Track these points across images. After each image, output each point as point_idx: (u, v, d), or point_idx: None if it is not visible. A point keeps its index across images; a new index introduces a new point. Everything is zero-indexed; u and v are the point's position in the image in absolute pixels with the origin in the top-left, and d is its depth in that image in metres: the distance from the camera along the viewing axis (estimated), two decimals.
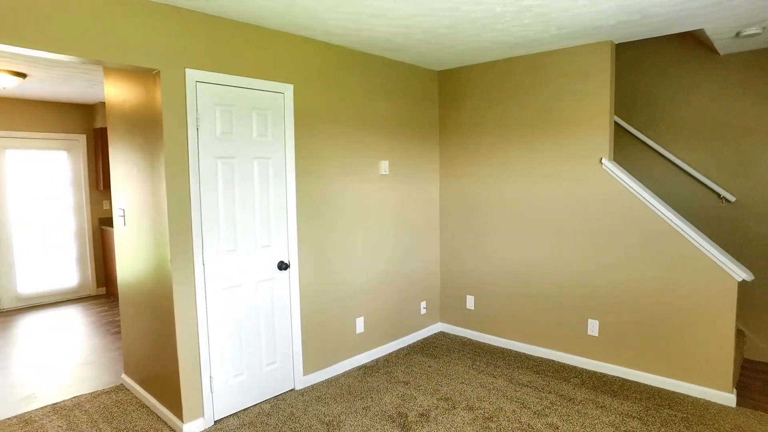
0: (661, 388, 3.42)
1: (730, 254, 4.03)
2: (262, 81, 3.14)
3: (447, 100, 4.53)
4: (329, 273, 3.67)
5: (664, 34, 3.40)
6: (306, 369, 3.55)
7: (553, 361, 3.93)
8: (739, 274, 3.09)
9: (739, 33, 3.33)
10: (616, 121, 4.41)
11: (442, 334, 4.67)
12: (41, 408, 3.28)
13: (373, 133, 3.95)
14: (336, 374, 3.75)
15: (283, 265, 3.32)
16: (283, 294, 3.37)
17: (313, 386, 3.54)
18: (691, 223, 4.17)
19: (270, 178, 3.25)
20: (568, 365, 3.85)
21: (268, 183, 3.24)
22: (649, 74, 4.33)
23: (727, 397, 3.19)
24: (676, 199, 4.28)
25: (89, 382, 3.67)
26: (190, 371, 2.90)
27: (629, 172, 4.49)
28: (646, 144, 4.36)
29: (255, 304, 3.21)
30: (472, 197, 4.41)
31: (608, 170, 3.57)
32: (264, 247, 3.24)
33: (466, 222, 4.48)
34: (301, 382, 3.51)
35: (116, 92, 3.25)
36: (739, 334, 3.76)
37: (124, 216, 3.31)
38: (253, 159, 3.14)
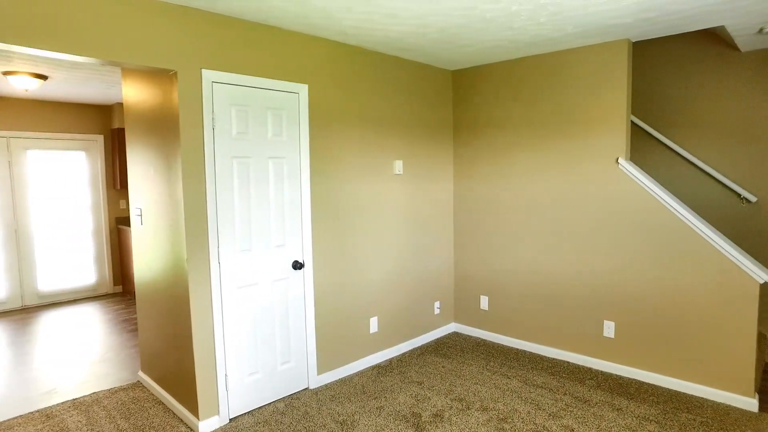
0: (679, 392, 3.37)
1: (752, 255, 3.95)
2: (277, 81, 3.16)
3: (461, 100, 4.51)
4: (343, 272, 3.68)
5: (682, 32, 3.34)
6: (320, 368, 3.56)
7: (568, 363, 3.89)
8: (762, 276, 3.03)
9: (762, 29, 3.26)
10: (632, 121, 4.35)
11: (456, 334, 4.65)
12: (62, 403, 3.35)
13: (387, 132, 3.95)
14: (350, 374, 3.76)
15: (297, 265, 3.34)
16: (298, 293, 3.39)
17: (327, 385, 3.56)
18: (711, 223, 4.10)
19: (285, 178, 3.26)
20: (583, 367, 3.81)
21: (283, 183, 3.26)
22: (666, 72, 4.26)
23: (749, 402, 3.12)
24: (694, 199, 4.21)
25: (107, 379, 3.73)
26: (206, 369, 2.93)
27: (646, 172, 4.42)
28: (664, 143, 4.29)
29: (270, 303, 3.23)
30: (486, 197, 4.38)
31: (625, 170, 3.52)
32: (279, 246, 3.25)
33: (480, 222, 4.45)
34: (315, 381, 3.52)
35: (134, 93, 3.30)
36: (761, 338, 3.68)
37: (141, 215, 3.36)
38: (268, 159, 3.16)
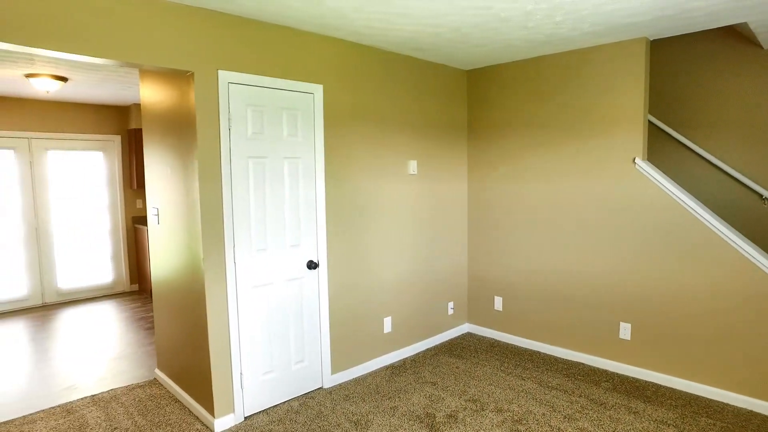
0: (698, 396, 3.32)
1: None
2: (293, 82, 3.17)
3: (475, 100, 4.49)
4: (358, 272, 3.69)
5: (702, 30, 3.29)
6: (334, 368, 3.58)
7: (583, 365, 3.86)
8: None
9: None
10: (650, 121, 4.29)
11: (470, 334, 4.64)
12: (81, 399, 3.41)
13: (402, 132, 3.95)
14: (363, 373, 3.77)
15: (312, 265, 3.35)
16: (312, 293, 3.40)
17: (340, 385, 3.57)
18: (731, 224, 4.02)
19: (300, 178, 3.28)
20: (598, 369, 3.77)
21: (298, 183, 3.27)
22: (685, 71, 4.20)
23: None
24: (714, 200, 4.14)
25: (124, 376, 3.78)
26: (222, 368, 2.96)
27: (664, 172, 4.36)
28: (682, 143, 4.23)
29: (284, 302, 3.25)
30: (501, 197, 4.36)
31: (642, 170, 3.48)
32: (293, 246, 3.27)
33: (495, 222, 4.43)
34: (329, 380, 3.54)
35: (151, 94, 3.34)
36: None
37: (158, 215, 3.40)
38: (284, 159, 3.18)
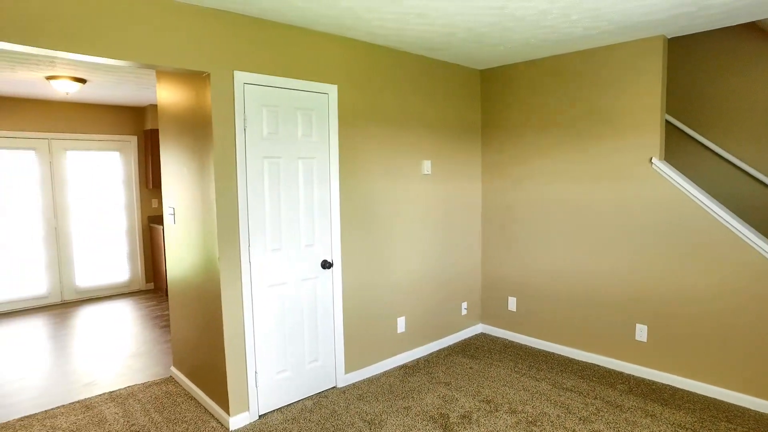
0: (718, 400, 3.26)
1: None
2: (307, 82, 3.19)
3: (489, 100, 4.47)
4: (371, 272, 3.70)
5: (723, 27, 3.23)
6: (347, 367, 3.59)
7: (598, 366, 3.82)
8: None
9: None
10: (668, 120, 4.24)
11: (483, 335, 4.62)
12: (99, 395, 3.46)
13: (416, 132, 3.95)
14: (377, 373, 3.77)
15: (326, 264, 3.37)
16: (326, 293, 3.42)
17: (354, 384, 3.58)
18: (752, 226, 3.95)
19: (314, 178, 3.30)
20: (614, 371, 3.73)
21: (312, 183, 3.29)
22: (704, 69, 4.13)
23: None
24: (733, 199, 4.07)
25: (141, 373, 3.83)
26: (237, 366, 2.99)
27: (683, 172, 4.30)
28: (700, 143, 4.17)
29: (298, 302, 3.27)
30: (515, 197, 4.33)
31: (659, 170, 3.43)
32: (308, 246, 3.29)
33: (509, 222, 4.40)
34: (343, 380, 3.55)
35: (168, 95, 3.38)
36: None
37: (174, 214, 3.44)
38: (298, 159, 3.20)
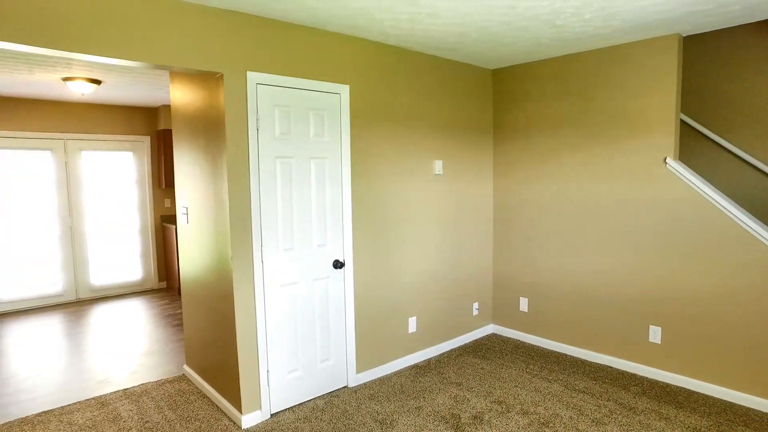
0: (734, 403, 3.22)
1: None
2: (319, 82, 3.20)
3: (501, 99, 4.45)
4: (383, 272, 3.70)
5: (742, 24, 3.18)
6: (359, 367, 3.59)
7: (611, 368, 3.78)
8: None
9: None
10: (683, 120, 4.18)
11: (494, 335, 4.60)
12: (114, 392, 3.50)
13: (427, 132, 3.94)
14: (388, 373, 3.77)
15: (338, 264, 3.37)
16: (338, 292, 3.43)
17: (365, 384, 3.58)
18: None
19: (326, 178, 3.30)
20: (627, 372, 3.70)
21: (324, 182, 3.30)
22: (721, 67, 4.07)
23: None
24: (750, 200, 4.00)
25: (154, 371, 3.87)
26: (249, 365, 3.01)
27: (699, 173, 4.24)
28: (716, 142, 4.11)
29: (310, 301, 3.28)
30: (527, 197, 4.31)
31: (673, 170, 3.39)
32: (320, 246, 3.30)
33: (520, 223, 4.38)
34: (354, 379, 3.55)
35: (181, 95, 3.41)
36: None
37: (187, 214, 3.47)
38: (310, 159, 3.21)
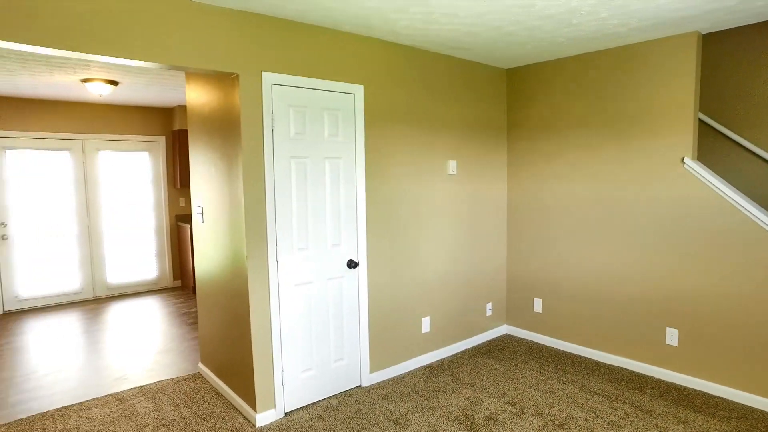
0: (756, 408, 3.16)
1: None
2: (334, 82, 3.21)
3: (515, 99, 4.42)
4: (397, 272, 3.70)
5: (763, 21, 3.12)
6: (372, 366, 3.60)
7: (627, 370, 3.74)
8: None
9: None
10: (702, 119, 4.12)
11: (508, 336, 4.57)
12: (131, 389, 3.55)
13: (441, 132, 3.93)
14: (401, 373, 3.77)
15: (352, 264, 3.38)
16: (352, 292, 3.43)
17: (379, 384, 3.58)
18: None
19: (340, 178, 3.31)
20: (643, 375, 3.65)
21: (339, 182, 3.31)
22: (740, 65, 4.00)
23: None
24: None
25: (170, 369, 3.92)
26: (263, 364, 3.03)
27: (718, 173, 4.17)
28: (736, 142, 4.04)
29: (324, 301, 3.29)
30: (541, 198, 4.28)
31: (691, 170, 3.34)
32: (334, 245, 3.31)
33: (535, 223, 4.35)
34: (368, 379, 3.56)
35: (197, 96, 3.44)
36: None
37: (203, 213, 3.50)
38: (325, 159, 3.22)
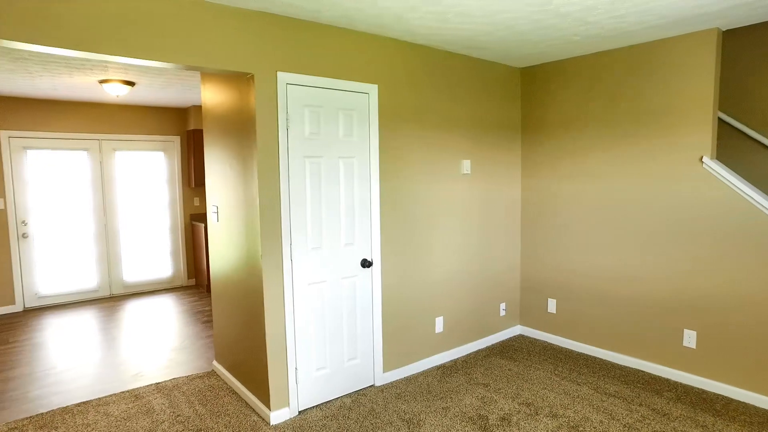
0: None
1: None
2: (348, 82, 3.21)
3: (529, 98, 4.39)
4: (411, 271, 3.70)
5: None
6: (386, 366, 3.60)
7: (643, 372, 3.70)
8: None
9: None
10: (722, 118, 4.05)
11: (522, 337, 4.54)
12: (147, 386, 3.60)
13: (455, 132, 3.92)
14: (415, 372, 3.77)
15: (366, 263, 3.39)
16: (366, 291, 3.44)
17: (392, 383, 3.59)
18: None
19: (354, 177, 3.32)
20: (659, 377, 3.60)
21: (353, 182, 3.31)
22: (761, 62, 3.93)
23: None
24: None
25: (185, 366, 3.96)
26: (277, 362, 3.04)
27: (739, 173, 4.10)
28: (757, 140, 3.96)
29: (338, 300, 3.30)
30: (556, 197, 4.24)
31: (710, 169, 3.29)
32: (348, 245, 3.32)
33: (549, 223, 4.32)
34: (381, 378, 3.56)
35: (212, 96, 3.47)
36: None
37: (218, 213, 3.53)
38: (339, 158, 3.23)
